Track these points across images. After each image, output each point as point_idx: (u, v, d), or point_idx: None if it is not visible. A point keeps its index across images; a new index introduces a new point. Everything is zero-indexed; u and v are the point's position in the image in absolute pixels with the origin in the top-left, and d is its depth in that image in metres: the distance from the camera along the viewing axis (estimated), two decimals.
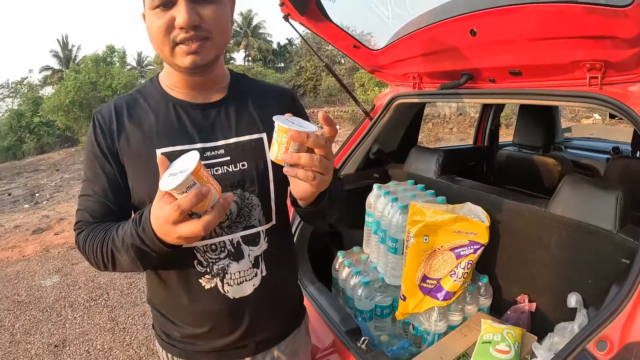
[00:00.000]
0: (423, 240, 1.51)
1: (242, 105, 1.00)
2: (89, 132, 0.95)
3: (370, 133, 2.10)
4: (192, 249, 0.93)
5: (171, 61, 0.89)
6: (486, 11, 1.25)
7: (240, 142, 0.96)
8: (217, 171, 0.93)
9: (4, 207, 8.75)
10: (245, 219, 0.96)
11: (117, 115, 0.94)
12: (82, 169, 1.01)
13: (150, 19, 0.85)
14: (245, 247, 0.96)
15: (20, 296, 4.17)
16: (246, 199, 0.95)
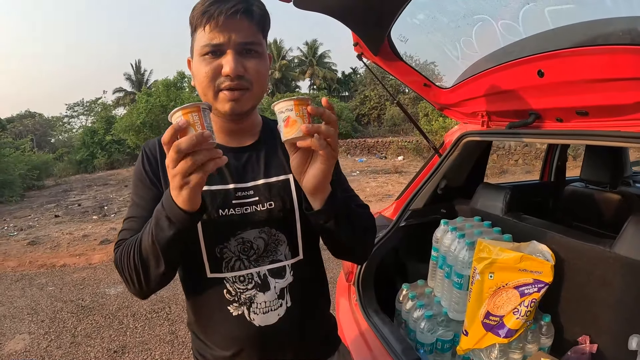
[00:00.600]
0: (488, 277, 1.52)
1: (271, 149, 1.07)
2: (137, 161, 1.04)
3: (439, 169, 2.13)
4: (223, 279, 1.00)
5: (212, 105, 0.96)
6: (553, 53, 1.29)
7: (268, 183, 1.02)
8: (247, 210, 1.00)
9: (74, 216, 9.33)
10: (272, 254, 1.02)
11: (162, 149, 1.01)
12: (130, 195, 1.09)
13: (199, 64, 0.94)
14: (271, 279, 1.02)
15: (85, 301, 4.41)
16: (273, 236, 1.02)
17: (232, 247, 0.98)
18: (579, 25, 1.21)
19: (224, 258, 0.99)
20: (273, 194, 1.02)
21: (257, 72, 0.95)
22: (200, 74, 0.93)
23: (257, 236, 1.00)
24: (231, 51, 0.91)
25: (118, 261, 0.94)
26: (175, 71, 22.66)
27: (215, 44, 0.91)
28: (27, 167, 14.70)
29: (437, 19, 1.55)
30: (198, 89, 0.97)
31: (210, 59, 0.92)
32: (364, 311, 1.78)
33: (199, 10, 0.91)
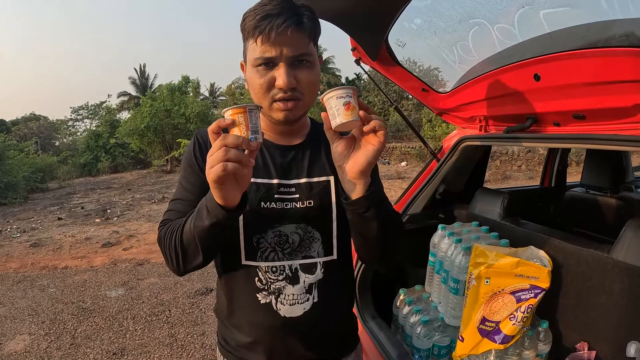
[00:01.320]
0: (484, 283, 1.51)
1: (316, 150, 1.11)
2: (189, 147, 1.09)
3: (437, 174, 2.13)
4: (256, 267, 1.04)
5: (267, 113, 1.01)
6: (549, 56, 1.29)
7: (310, 182, 1.07)
8: (287, 205, 1.04)
9: (77, 219, 9.38)
10: (305, 250, 1.06)
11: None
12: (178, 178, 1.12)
13: (252, 74, 0.98)
14: (302, 273, 1.06)
15: (85, 303, 4.44)
16: (308, 232, 1.06)
17: (268, 238, 1.04)
18: (575, 29, 1.21)
19: (260, 247, 1.04)
20: (313, 193, 1.06)
21: (309, 83, 0.99)
22: (255, 85, 0.97)
23: (294, 231, 1.05)
24: (283, 64, 0.94)
25: (161, 240, 1.00)
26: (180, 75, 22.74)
27: (267, 57, 0.94)
28: (31, 169, 14.77)
29: (433, 24, 1.55)
30: (253, 96, 1.01)
31: (263, 71, 0.96)
32: (360, 316, 1.77)
33: (250, 23, 0.93)
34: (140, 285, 4.87)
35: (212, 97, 42.70)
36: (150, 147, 19.49)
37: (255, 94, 0.99)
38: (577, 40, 1.20)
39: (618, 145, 1.35)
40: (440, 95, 1.92)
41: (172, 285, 4.77)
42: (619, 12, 1.09)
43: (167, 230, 0.99)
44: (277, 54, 0.93)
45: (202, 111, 18.70)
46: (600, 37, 1.14)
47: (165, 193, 12.46)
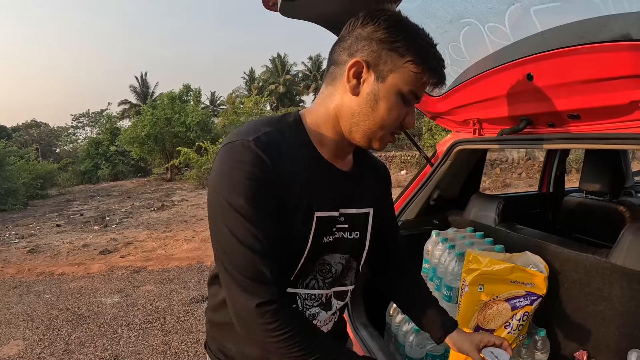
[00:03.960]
0: (478, 290, 1.47)
1: (362, 180, 1.04)
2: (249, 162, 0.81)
3: (431, 179, 2.10)
4: (296, 294, 0.98)
5: (369, 138, 0.91)
6: (541, 54, 1.26)
7: (357, 213, 1.02)
8: (335, 235, 0.98)
9: (75, 226, 9.39)
10: (343, 278, 1.05)
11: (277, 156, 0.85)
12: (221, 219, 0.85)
13: (396, 102, 0.87)
14: (334, 300, 1.05)
15: (80, 309, 4.42)
16: (348, 262, 1.04)
17: (314, 267, 0.98)
18: (567, 26, 1.18)
19: (302, 275, 0.97)
20: (358, 224, 1.03)
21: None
22: (395, 114, 0.88)
23: (338, 261, 1.01)
24: (414, 107, 0.93)
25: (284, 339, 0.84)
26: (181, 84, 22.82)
27: (418, 96, 0.89)
28: (31, 176, 14.82)
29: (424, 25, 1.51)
30: (372, 116, 0.88)
31: (402, 104, 0.88)
32: (352, 324, 1.73)
33: (424, 53, 0.86)
34: (136, 293, 4.84)
35: (212, 106, 42.92)
36: (150, 155, 19.52)
37: (386, 119, 0.88)
38: (569, 38, 1.17)
39: (614, 144, 1.32)
40: (432, 99, 1.89)
41: (167, 292, 4.73)
42: (612, 8, 1.06)
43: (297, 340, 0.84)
44: (421, 98, 0.91)
45: (203, 120, 18.73)
46: (593, 33, 1.11)
47: (164, 201, 12.44)
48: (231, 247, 0.82)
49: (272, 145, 0.84)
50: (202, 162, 15.35)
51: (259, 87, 41.38)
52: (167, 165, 19.14)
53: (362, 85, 0.87)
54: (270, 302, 0.82)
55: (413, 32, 0.86)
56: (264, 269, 0.82)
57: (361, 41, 0.86)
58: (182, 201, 12.44)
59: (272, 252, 0.83)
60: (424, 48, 0.85)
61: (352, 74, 0.87)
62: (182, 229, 8.33)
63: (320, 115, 0.93)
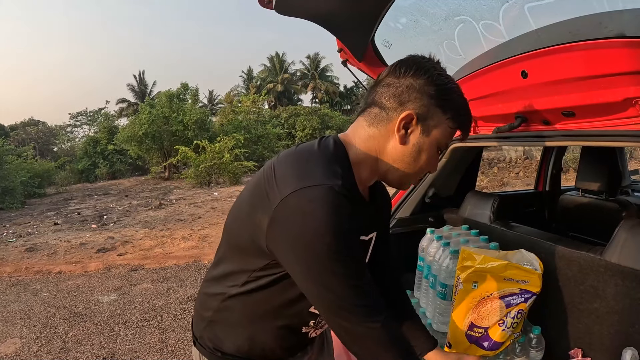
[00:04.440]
0: (472, 287, 1.47)
1: (374, 208, 1.11)
2: (338, 210, 0.83)
3: (426, 177, 2.11)
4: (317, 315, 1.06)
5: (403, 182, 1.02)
6: (536, 52, 1.26)
7: (367, 239, 1.07)
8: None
9: (73, 224, 9.37)
10: None
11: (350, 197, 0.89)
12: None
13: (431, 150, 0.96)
14: None
15: (77, 308, 4.42)
16: None
17: None
18: (561, 24, 1.18)
19: None
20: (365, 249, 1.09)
21: None
22: (431, 164, 0.99)
23: None
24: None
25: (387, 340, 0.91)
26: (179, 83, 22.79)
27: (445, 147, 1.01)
28: (28, 174, 14.78)
29: (419, 23, 1.53)
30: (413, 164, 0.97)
31: (437, 153, 0.99)
32: None
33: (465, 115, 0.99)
34: (133, 291, 4.84)
35: (210, 105, 42.89)
36: (148, 153, 19.47)
37: (424, 167, 0.99)
38: (564, 35, 1.17)
39: (608, 141, 1.32)
40: None
41: (164, 291, 4.73)
42: (606, 5, 1.06)
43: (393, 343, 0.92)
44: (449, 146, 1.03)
45: (201, 118, 18.68)
46: (587, 30, 1.11)
47: (162, 199, 12.42)
48: (341, 286, 0.87)
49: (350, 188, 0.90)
50: (199, 161, 15.33)
51: (257, 86, 41.37)
52: (165, 164, 19.09)
53: (409, 136, 0.94)
54: (387, 318, 0.91)
55: (457, 91, 0.96)
56: (373, 295, 0.91)
57: (413, 93, 0.92)
58: (179, 200, 12.43)
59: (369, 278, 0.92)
60: (463, 109, 0.97)
61: (402, 124, 0.93)
62: (180, 228, 8.33)
63: (361, 152, 0.98)
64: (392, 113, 0.93)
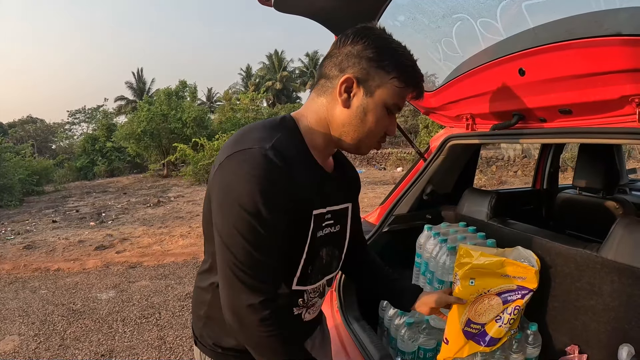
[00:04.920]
0: (469, 284, 1.48)
1: (341, 178, 1.15)
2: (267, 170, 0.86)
3: (424, 174, 2.11)
4: (304, 291, 1.09)
5: (357, 146, 1.03)
6: (533, 50, 1.26)
7: (339, 209, 1.12)
8: (325, 231, 1.08)
9: (71, 222, 9.34)
10: (329, 268, 1.15)
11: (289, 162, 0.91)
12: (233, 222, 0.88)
13: (378, 112, 0.98)
14: (327, 287, 1.18)
15: (76, 305, 4.42)
16: (333, 253, 1.14)
17: (316, 264, 1.08)
18: (559, 22, 1.18)
19: (310, 274, 1.07)
20: (340, 219, 1.13)
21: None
22: (381, 125, 1.00)
23: (327, 253, 1.11)
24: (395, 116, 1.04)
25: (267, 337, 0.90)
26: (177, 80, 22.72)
27: (400, 107, 1.01)
28: (27, 172, 14.72)
29: (417, 20, 1.53)
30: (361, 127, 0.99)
31: (388, 115, 1.00)
32: (344, 318, 1.74)
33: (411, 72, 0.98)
34: (131, 288, 4.84)
35: (209, 102, 42.80)
36: (146, 151, 19.42)
37: (373, 129, 1.00)
38: (561, 33, 1.17)
39: (605, 138, 1.32)
40: (426, 94, 1.89)
41: (163, 288, 4.73)
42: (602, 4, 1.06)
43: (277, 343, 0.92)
44: (402, 108, 1.03)
45: (199, 116, 18.62)
46: (584, 28, 1.12)
47: (160, 197, 12.41)
48: (241, 249, 0.87)
49: (285, 152, 0.91)
50: (198, 159, 15.29)
51: (256, 84, 41.31)
52: (164, 162, 19.05)
53: (352, 99, 0.97)
54: (270, 300, 0.90)
55: (398, 51, 0.97)
56: (267, 271, 0.90)
57: (351, 58, 0.95)
58: (178, 197, 12.41)
59: (276, 255, 0.92)
60: (407, 67, 0.97)
61: (343, 88, 0.96)
62: (178, 225, 8.32)
63: (312, 122, 1.02)
64: (335, 81, 0.97)
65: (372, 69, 0.94)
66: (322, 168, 1.04)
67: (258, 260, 0.88)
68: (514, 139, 1.64)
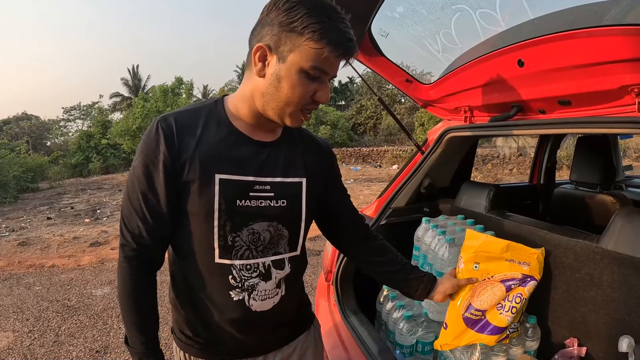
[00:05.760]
0: (473, 268, 1.47)
1: (290, 150, 1.11)
2: (149, 139, 0.97)
3: (422, 167, 2.10)
4: (230, 266, 1.02)
5: (280, 115, 0.98)
6: (532, 40, 1.26)
7: (284, 182, 1.07)
8: (262, 204, 1.03)
9: (66, 219, 9.29)
10: (274, 247, 1.08)
11: (182, 131, 0.98)
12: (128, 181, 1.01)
13: (299, 79, 0.92)
14: (273, 270, 1.08)
15: (71, 301, 4.39)
16: (278, 230, 1.07)
17: (243, 236, 1.02)
18: (558, 13, 1.18)
19: (235, 246, 1.02)
20: (287, 193, 1.07)
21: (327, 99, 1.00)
22: (299, 91, 0.93)
23: (265, 229, 1.05)
24: (327, 81, 0.96)
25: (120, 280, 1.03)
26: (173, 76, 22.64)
27: (325, 71, 0.93)
28: (21, 169, 14.64)
29: (416, 11, 1.52)
30: (277, 95, 0.95)
31: (308, 80, 0.93)
32: (341, 311, 1.73)
33: (323, 29, 0.88)
34: None
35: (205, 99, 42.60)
36: None
37: (290, 97, 0.94)
38: (560, 24, 1.17)
39: (604, 128, 1.31)
40: (424, 86, 1.89)
41: (158, 284, 4.65)
42: None
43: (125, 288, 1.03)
44: (332, 73, 0.94)
45: None
46: (584, 18, 1.11)
47: None
48: (125, 201, 1.00)
49: (177, 122, 0.98)
50: None
51: None
52: None
53: (266, 68, 0.94)
54: (132, 249, 0.99)
55: (312, 10, 0.88)
56: (134, 220, 0.98)
57: (265, 27, 0.93)
58: None
59: (152, 212, 0.98)
60: (322, 24, 0.87)
61: (257, 58, 0.94)
62: None
63: (238, 97, 1.04)
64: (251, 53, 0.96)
65: (284, 34, 0.90)
66: (245, 137, 1.03)
67: (130, 209, 0.98)
68: (512, 130, 1.63)
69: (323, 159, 1.19)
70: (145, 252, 1.00)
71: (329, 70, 0.92)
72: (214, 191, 0.97)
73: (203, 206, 0.98)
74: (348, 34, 0.91)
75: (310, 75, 0.92)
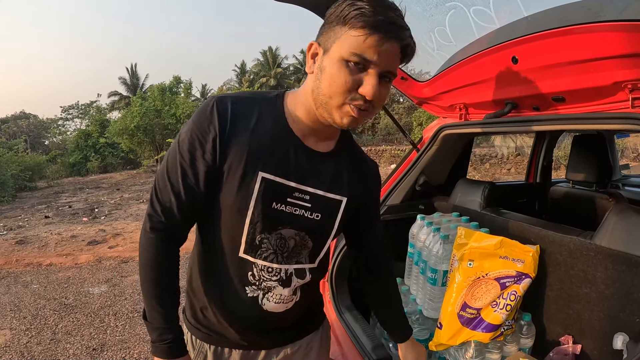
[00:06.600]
0: (467, 265, 1.47)
1: (340, 165, 1.08)
2: (203, 116, 0.95)
3: (417, 164, 2.10)
4: (253, 263, 1.02)
5: (329, 111, 0.92)
6: (526, 37, 1.25)
7: (325, 197, 1.05)
8: (296, 211, 1.02)
9: (64, 217, 9.30)
10: (297, 255, 1.06)
11: (237, 117, 0.97)
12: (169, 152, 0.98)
13: (338, 68, 0.87)
14: (294, 278, 1.07)
15: (68, 299, 4.39)
16: (303, 240, 1.05)
17: (272, 240, 1.01)
18: (552, 10, 1.18)
19: (262, 247, 1.01)
20: (324, 208, 1.05)
21: (383, 99, 0.94)
22: (339, 80, 0.88)
23: (292, 236, 1.03)
24: (375, 73, 0.87)
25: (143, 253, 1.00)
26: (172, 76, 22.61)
27: (367, 59, 0.85)
28: (19, 168, 14.64)
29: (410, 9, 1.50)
30: (321, 87, 0.91)
31: (353, 69, 0.87)
32: (336, 307, 1.73)
33: (362, 14, 0.84)
34: (123, 283, 4.82)
35: (203, 98, 42.57)
36: (140, 147, 19.36)
37: (331, 87, 0.89)
38: (553, 21, 1.17)
39: (598, 124, 1.31)
40: (419, 84, 1.89)
41: None
42: None
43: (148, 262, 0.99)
44: (377, 60, 0.86)
45: (193, 112, 18.59)
46: (577, 15, 1.11)
47: None
48: (162, 171, 0.98)
49: (234, 107, 0.96)
50: None
51: (250, 80, 41.11)
52: (157, 157, 19.01)
53: (315, 63, 0.93)
54: (160, 221, 0.97)
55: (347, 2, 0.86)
56: (168, 194, 0.96)
57: (321, 29, 0.93)
58: None
59: (188, 189, 0.96)
60: (362, 9, 0.84)
61: (309, 55, 0.95)
62: None
63: (298, 96, 1.01)
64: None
65: (332, 28, 0.88)
66: (298, 140, 1.00)
67: (166, 181, 0.96)
68: (507, 127, 1.63)
69: (369, 182, 1.17)
70: (172, 226, 0.99)
71: (371, 57, 0.85)
72: (254, 188, 0.95)
73: (239, 200, 0.96)
74: (394, 19, 0.85)
75: (350, 64, 0.86)
